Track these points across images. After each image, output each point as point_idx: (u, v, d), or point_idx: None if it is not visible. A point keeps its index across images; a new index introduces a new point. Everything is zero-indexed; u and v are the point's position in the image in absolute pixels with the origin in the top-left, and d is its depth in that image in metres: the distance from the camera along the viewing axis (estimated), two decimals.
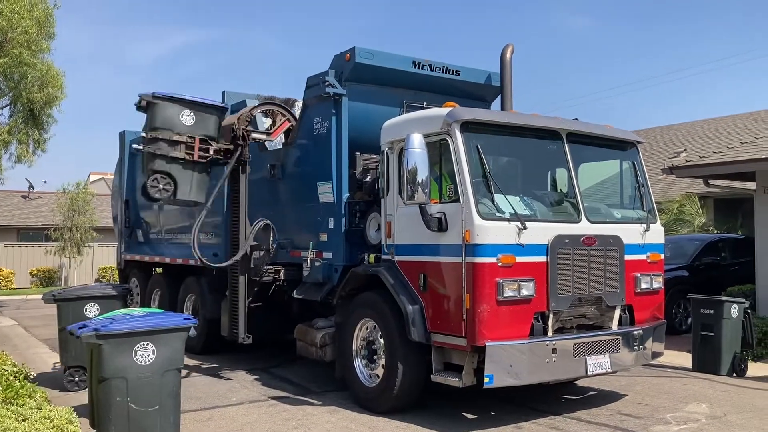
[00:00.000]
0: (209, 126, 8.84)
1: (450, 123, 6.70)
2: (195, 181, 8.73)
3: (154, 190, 8.55)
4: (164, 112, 8.56)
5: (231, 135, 8.95)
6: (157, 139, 8.50)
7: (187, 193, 8.70)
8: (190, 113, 8.63)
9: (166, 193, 8.61)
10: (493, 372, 6.30)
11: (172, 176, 8.62)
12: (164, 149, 8.50)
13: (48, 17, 25.92)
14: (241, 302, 9.09)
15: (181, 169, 8.65)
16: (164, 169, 8.56)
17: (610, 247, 7.11)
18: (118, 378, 5.92)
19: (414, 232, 7.00)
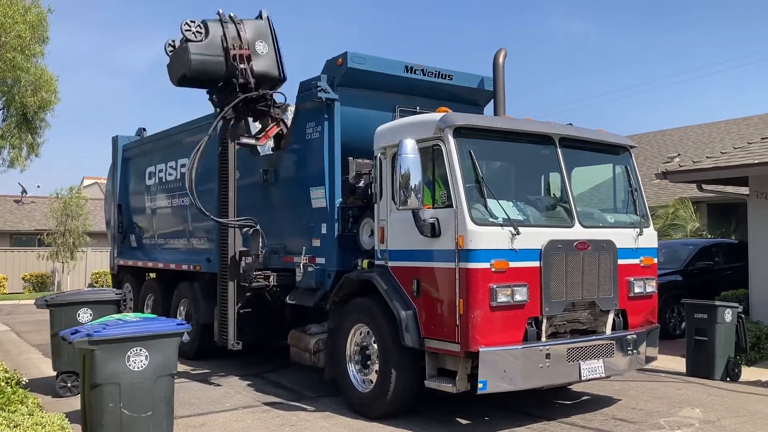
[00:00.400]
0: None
1: (443, 128, 6.70)
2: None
3: (188, 32, 8.61)
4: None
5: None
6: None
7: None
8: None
9: (195, 38, 8.64)
10: (487, 377, 6.29)
11: (206, 25, 8.71)
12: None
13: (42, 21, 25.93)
14: (230, 308, 9.05)
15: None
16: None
17: (604, 252, 7.11)
18: (111, 384, 5.89)
19: (407, 238, 6.99)
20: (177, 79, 9.00)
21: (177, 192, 11.59)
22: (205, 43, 8.69)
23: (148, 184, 12.66)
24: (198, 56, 8.66)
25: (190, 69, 8.70)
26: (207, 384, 9.23)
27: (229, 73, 8.78)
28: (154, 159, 12.57)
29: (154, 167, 12.49)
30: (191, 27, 8.63)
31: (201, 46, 8.67)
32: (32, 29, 25.23)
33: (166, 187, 12.01)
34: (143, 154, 13.21)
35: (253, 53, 8.84)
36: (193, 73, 8.77)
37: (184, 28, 8.60)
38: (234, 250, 9.04)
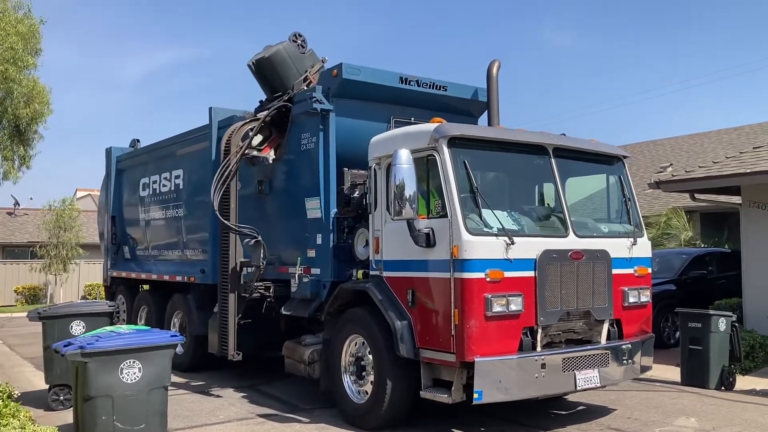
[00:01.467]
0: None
1: (437, 138, 6.72)
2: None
3: (295, 41, 9.21)
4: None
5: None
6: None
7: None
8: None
9: (301, 47, 9.30)
10: (483, 388, 6.27)
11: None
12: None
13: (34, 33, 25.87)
14: (231, 319, 9.02)
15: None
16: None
17: (598, 262, 7.12)
18: (104, 396, 5.89)
19: (402, 248, 6.98)
20: (256, 59, 9.43)
21: (171, 203, 11.57)
22: (298, 54, 9.38)
23: (141, 196, 12.64)
24: (284, 53, 9.31)
25: (272, 55, 9.28)
26: (201, 396, 9.18)
27: (288, 89, 9.17)
28: (147, 170, 12.55)
29: (147, 178, 12.47)
30: (298, 39, 9.48)
31: (294, 52, 9.37)
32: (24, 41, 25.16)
33: (159, 199, 11.98)
34: (137, 166, 13.19)
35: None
36: (270, 61, 9.30)
37: (291, 38, 9.41)
38: (235, 261, 9.01)
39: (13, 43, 24.35)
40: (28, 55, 25.86)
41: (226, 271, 9.11)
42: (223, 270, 9.25)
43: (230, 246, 9.05)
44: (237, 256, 9.02)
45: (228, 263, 9.07)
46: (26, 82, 25.95)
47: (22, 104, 26.07)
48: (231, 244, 9.06)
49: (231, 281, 9.02)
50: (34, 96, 26.33)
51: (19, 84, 25.54)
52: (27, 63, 25.88)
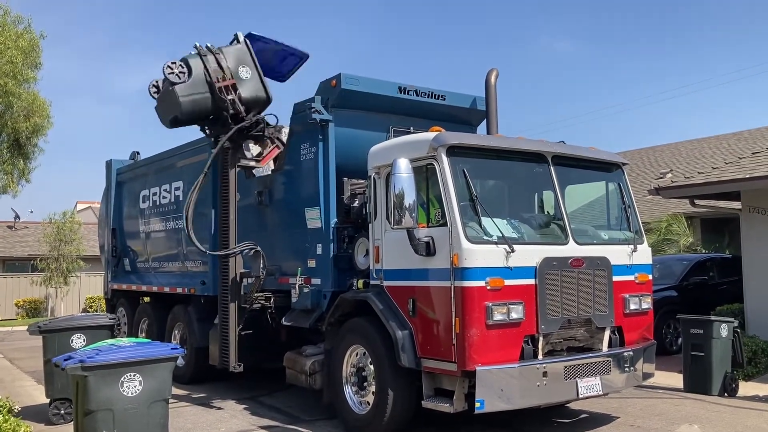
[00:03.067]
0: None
1: (436, 147, 6.72)
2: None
3: (170, 73, 8.55)
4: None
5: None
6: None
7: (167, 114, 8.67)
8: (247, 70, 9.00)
9: (179, 79, 8.58)
10: (484, 397, 6.25)
11: (187, 63, 8.66)
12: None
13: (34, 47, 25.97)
14: (231, 330, 9.00)
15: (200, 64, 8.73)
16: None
17: (599, 269, 7.11)
18: (105, 410, 5.85)
19: (402, 257, 6.98)
20: (169, 122, 8.98)
21: (171, 215, 11.57)
22: (190, 82, 8.67)
23: (141, 208, 12.64)
24: (186, 98, 8.66)
25: (182, 111, 8.73)
26: (202, 408, 9.15)
27: (218, 106, 8.81)
28: (147, 182, 12.56)
29: (147, 191, 12.47)
30: (174, 69, 8.60)
31: (187, 87, 8.64)
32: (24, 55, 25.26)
33: (160, 211, 11.98)
34: (137, 178, 13.19)
35: (238, 81, 8.86)
36: (184, 115, 8.82)
37: (167, 72, 8.58)
38: (235, 272, 9.00)
39: (12, 56, 24.43)
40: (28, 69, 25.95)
41: (226, 282, 9.11)
42: (223, 281, 9.25)
43: (230, 226, 9.04)
44: (236, 267, 9.01)
45: (228, 274, 9.07)
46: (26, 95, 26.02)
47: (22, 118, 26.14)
48: (230, 224, 9.03)
49: (231, 292, 9.02)
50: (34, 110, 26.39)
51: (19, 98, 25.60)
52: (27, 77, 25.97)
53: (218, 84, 8.68)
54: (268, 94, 9.12)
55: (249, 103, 8.94)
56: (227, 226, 9.13)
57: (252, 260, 8.82)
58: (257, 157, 9.75)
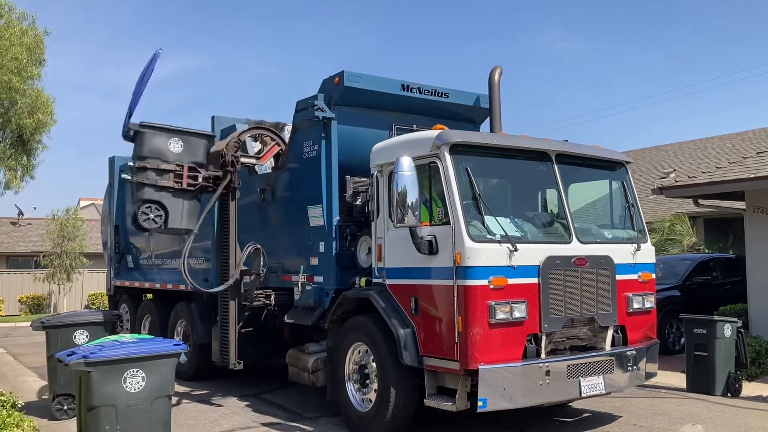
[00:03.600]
0: (198, 153, 8.78)
1: (439, 145, 6.71)
2: (185, 209, 8.61)
3: (145, 219, 8.43)
4: (152, 141, 8.48)
5: (220, 161, 8.89)
6: (145, 168, 8.42)
7: (177, 221, 8.59)
8: (178, 140, 8.56)
9: (156, 223, 8.51)
10: (487, 395, 6.24)
11: (162, 205, 8.52)
12: (153, 178, 8.41)
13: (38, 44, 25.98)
14: (231, 328, 9.01)
15: (171, 197, 8.56)
16: (154, 197, 8.46)
17: (602, 268, 7.10)
18: (107, 406, 5.85)
19: (405, 255, 6.97)
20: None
21: None
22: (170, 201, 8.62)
23: None
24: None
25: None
26: (204, 405, 9.16)
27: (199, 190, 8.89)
28: None
29: None
30: (149, 214, 8.48)
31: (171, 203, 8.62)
32: (29, 51, 25.27)
33: None
34: None
35: (184, 156, 8.65)
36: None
37: (143, 218, 8.48)
38: (235, 269, 9.01)
39: (17, 53, 24.46)
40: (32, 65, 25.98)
41: (226, 280, 9.10)
42: (223, 278, 9.24)
43: (230, 254, 9.05)
44: (237, 265, 9.01)
45: (228, 271, 9.07)
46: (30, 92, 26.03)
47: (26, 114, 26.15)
48: (231, 252, 9.05)
49: (231, 289, 9.01)
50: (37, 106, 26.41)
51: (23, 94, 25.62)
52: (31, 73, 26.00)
53: (182, 181, 8.60)
54: (206, 135, 9.12)
55: (209, 158, 8.98)
56: (227, 249, 9.17)
57: (252, 257, 8.82)
58: (257, 155, 9.77)
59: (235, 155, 8.96)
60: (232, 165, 8.87)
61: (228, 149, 8.90)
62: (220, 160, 8.91)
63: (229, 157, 8.85)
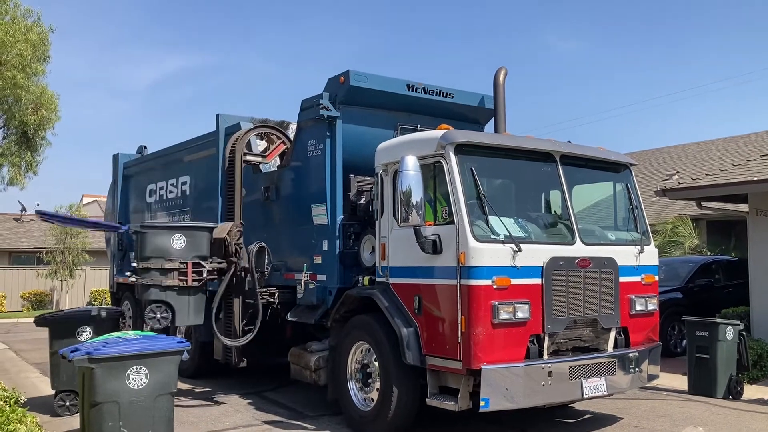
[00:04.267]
0: (201, 245, 8.69)
1: (444, 145, 6.72)
2: (192, 305, 8.48)
3: (152, 320, 8.38)
4: (154, 240, 8.46)
5: (223, 250, 8.81)
6: (149, 268, 8.38)
7: (185, 318, 8.48)
8: (180, 236, 8.51)
9: (164, 322, 8.47)
10: (489, 395, 6.25)
11: (169, 304, 8.47)
12: (157, 278, 8.36)
13: (43, 40, 26.06)
14: (235, 326, 9.02)
15: (177, 295, 8.49)
16: (160, 297, 8.40)
17: (605, 269, 7.10)
18: (110, 402, 5.86)
19: (408, 255, 6.98)
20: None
21: (177, 209, 11.61)
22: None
23: (148, 202, 12.68)
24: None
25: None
26: (206, 402, 9.18)
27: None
28: (154, 176, 12.59)
29: (154, 185, 12.52)
30: (156, 314, 8.39)
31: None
32: (33, 48, 25.34)
33: (166, 205, 12.02)
34: (144, 172, 13.24)
35: (196, 254, 8.68)
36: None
37: (149, 317, 8.39)
38: (239, 267, 9.01)
39: (22, 50, 24.52)
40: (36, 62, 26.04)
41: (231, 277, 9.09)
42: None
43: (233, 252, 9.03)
44: (240, 262, 9.01)
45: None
46: (34, 88, 26.12)
47: (30, 110, 26.24)
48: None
49: (235, 287, 9.03)
50: (42, 102, 26.49)
51: (27, 90, 25.71)
52: (36, 70, 26.06)
53: (187, 279, 8.47)
54: (207, 227, 9.08)
55: (212, 248, 8.91)
56: (233, 218, 9.14)
57: (256, 255, 8.82)
58: (263, 153, 9.78)
59: (239, 243, 8.85)
60: (235, 254, 8.82)
61: (231, 237, 8.83)
62: (223, 249, 8.82)
63: (233, 246, 8.80)
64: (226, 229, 8.86)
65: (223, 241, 8.79)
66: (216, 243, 8.85)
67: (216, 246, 8.85)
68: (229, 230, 8.83)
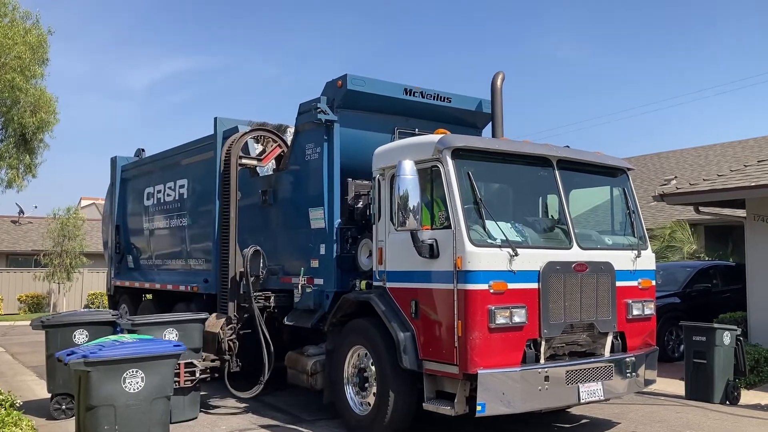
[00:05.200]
0: (194, 337, 8.59)
1: (441, 150, 6.72)
2: (187, 402, 8.29)
3: None
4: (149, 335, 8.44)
5: (216, 345, 8.78)
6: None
7: (180, 414, 8.22)
8: (173, 331, 8.45)
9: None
10: (486, 400, 6.24)
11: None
12: None
13: (42, 43, 26.04)
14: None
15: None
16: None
17: (602, 274, 7.10)
18: (106, 406, 5.84)
19: (405, 259, 6.98)
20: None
21: (175, 213, 11.60)
22: None
23: (146, 205, 12.67)
24: None
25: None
26: (202, 406, 9.13)
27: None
28: (152, 180, 12.59)
29: (152, 188, 12.50)
30: None
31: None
32: (32, 50, 25.32)
33: (164, 208, 12.01)
34: (142, 175, 13.23)
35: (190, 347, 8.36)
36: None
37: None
38: (234, 271, 9.01)
39: (20, 52, 24.50)
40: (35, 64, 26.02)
41: (226, 281, 9.10)
42: (222, 279, 9.25)
43: (230, 255, 9.05)
44: (236, 266, 9.01)
45: (228, 272, 9.07)
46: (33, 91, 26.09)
47: (29, 113, 26.20)
48: (231, 253, 9.05)
49: (230, 291, 9.00)
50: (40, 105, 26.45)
51: (26, 93, 25.68)
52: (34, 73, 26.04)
53: (180, 380, 8.01)
54: (199, 318, 8.91)
55: (205, 341, 8.88)
56: (228, 223, 9.16)
57: (251, 259, 8.80)
58: (259, 156, 9.78)
59: (232, 339, 8.81)
60: (229, 350, 8.82)
61: (224, 333, 8.83)
62: (216, 344, 8.78)
63: (226, 343, 8.79)
64: (219, 324, 8.87)
65: (216, 336, 8.79)
66: (209, 337, 8.84)
67: (209, 340, 8.83)
68: (222, 325, 8.84)
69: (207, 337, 8.85)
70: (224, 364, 8.80)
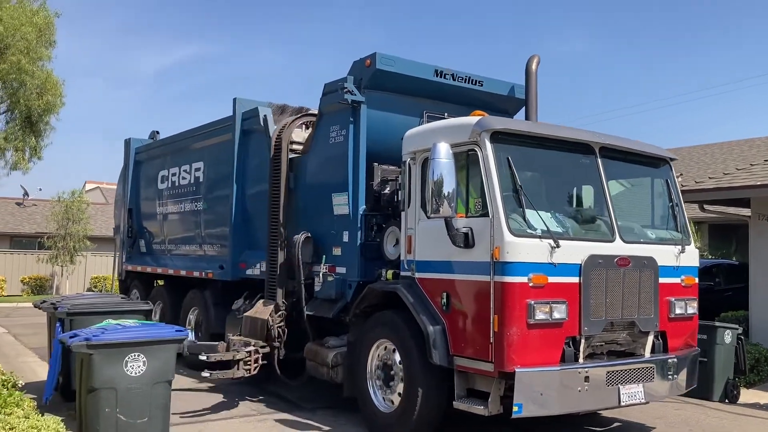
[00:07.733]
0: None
1: (480, 132, 6.30)
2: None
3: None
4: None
5: (266, 332, 8.52)
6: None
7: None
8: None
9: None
10: (523, 401, 5.85)
11: None
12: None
13: (48, 25, 25.73)
14: None
15: None
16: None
17: (645, 269, 6.69)
18: (108, 388, 5.84)
19: (437, 248, 6.58)
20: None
21: (190, 197, 11.20)
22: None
23: (160, 188, 12.25)
24: None
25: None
26: (205, 392, 8.97)
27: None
28: (167, 162, 12.17)
29: (167, 171, 12.08)
30: None
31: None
32: (39, 32, 24.99)
33: (178, 192, 11.60)
34: (156, 158, 12.79)
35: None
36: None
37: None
38: (283, 257, 8.61)
39: (26, 33, 24.13)
40: (42, 46, 25.67)
41: (275, 267, 8.72)
42: (271, 266, 8.84)
43: (279, 241, 8.67)
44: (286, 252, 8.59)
45: (276, 259, 8.70)
46: (39, 73, 25.77)
47: (35, 96, 25.90)
48: (280, 239, 8.67)
49: (279, 277, 8.62)
50: (47, 88, 26.14)
51: (32, 76, 25.35)
52: (41, 55, 25.68)
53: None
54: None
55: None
56: (278, 206, 8.84)
57: (303, 246, 8.31)
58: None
59: (281, 326, 8.55)
60: (278, 337, 8.55)
61: (273, 320, 8.53)
62: (265, 331, 8.52)
63: (275, 330, 8.50)
64: (268, 311, 8.55)
65: (265, 323, 8.49)
66: (257, 324, 8.57)
67: (257, 327, 8.57)
68: (271, 312, 8.52)
69: (255, 324, 8.60)
70: (273, 351, 8.46)
